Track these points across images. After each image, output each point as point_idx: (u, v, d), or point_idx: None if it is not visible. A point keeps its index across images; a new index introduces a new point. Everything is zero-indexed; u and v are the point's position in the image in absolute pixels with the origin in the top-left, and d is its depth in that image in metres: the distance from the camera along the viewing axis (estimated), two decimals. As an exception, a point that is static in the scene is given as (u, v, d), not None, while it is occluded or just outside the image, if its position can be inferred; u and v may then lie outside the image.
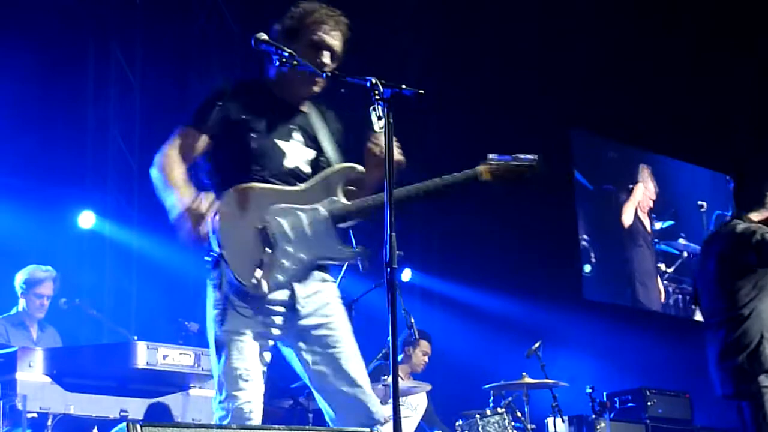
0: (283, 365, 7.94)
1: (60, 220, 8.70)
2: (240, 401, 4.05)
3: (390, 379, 3.94)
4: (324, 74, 4.15)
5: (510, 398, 8.59)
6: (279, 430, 3.65)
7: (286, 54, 4.03)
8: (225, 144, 4.20)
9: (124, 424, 3.40)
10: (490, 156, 4.55)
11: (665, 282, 12.46)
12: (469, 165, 4.43)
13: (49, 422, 6.32)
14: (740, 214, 6.03)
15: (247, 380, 4.09)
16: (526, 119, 10.95)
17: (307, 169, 4.32)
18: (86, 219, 9.05)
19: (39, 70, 8.66)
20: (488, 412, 8.32)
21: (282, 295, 4.16)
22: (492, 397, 8.66)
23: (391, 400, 3.65)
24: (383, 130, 3.82)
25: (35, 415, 6.27)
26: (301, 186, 4.26)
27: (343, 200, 4.29)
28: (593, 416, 9.07)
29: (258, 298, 4.10)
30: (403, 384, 7.87)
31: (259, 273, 4.05)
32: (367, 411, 4.21)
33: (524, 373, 8.52)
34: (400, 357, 8.67)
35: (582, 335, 11.01)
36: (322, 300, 4.28)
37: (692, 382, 10.84)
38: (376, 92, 3.85)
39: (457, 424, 8.28)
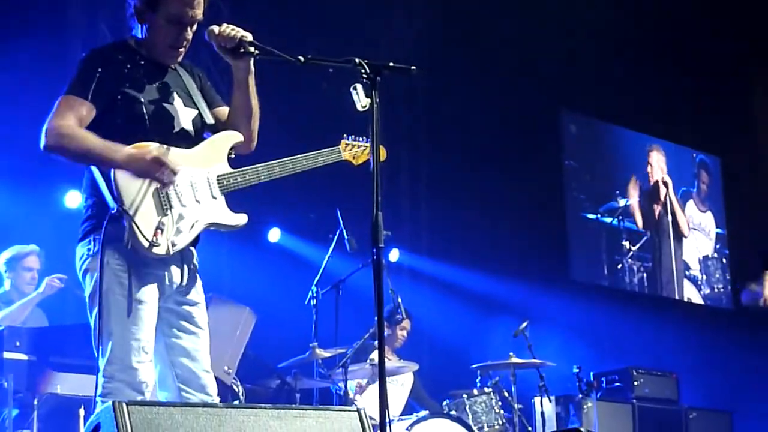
0: (270, 345, 7.96)
1: (46, 199, 8.65)
2: (140, 374, 3.98)
3: (376, 358, 3.93)
4: (300, 59, 4.01)
5: (497, 378, 8.60)
6: (266, 408, 3.65)
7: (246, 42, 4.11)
8: (112, 111, 4.10)
9: (110, 402, 3.40)
10: (345, 136, 4.74)
11: (629, 260, 12.38)
12: (455, 144, 4.45)
13: (36, 401, 6.33)
14: None
15: (148, 353, 4.03)
16: (516, 100, 10.94)
17: (192, 130, 4.28)
18: (73, 198, 9.01)
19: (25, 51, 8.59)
20: (475, 392, 8.33)
21: (175, 261, 4.14)
22: (479, 377, 8.66)
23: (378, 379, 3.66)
24: (365, 109, 3.81)
25: (21, 394, 6.27)
26: (191, 150, 4.23)
27: (228, 167, 4.30)
28: (580, 396, 9.09)
29: (158, 263, 4.06)
30: (390, 364, 7.88)
31: (159, 235, 4.00)
32: (204, 387, 4.17)
33: (511, 353, 8.53)
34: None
35: (569, 315, 11.03)
36: (196, 279, 4.26)
37: (680, 362, 10.91)
38: (363, 71, 3.85)
39: (444, 403, 8.28)
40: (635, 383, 9.89)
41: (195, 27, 4.24)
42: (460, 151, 10.76)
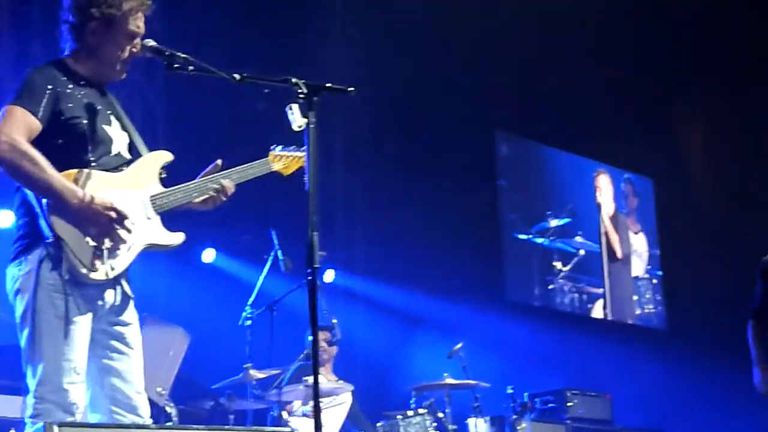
0: (205, 366, 7.90)
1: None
2: (70, 396, 3.93)
3: (311, 380, 3.92)
4: (233, 77, 4.04)
5: (432, 399, 8.61)
6: (199, 430, 3.62)
7: (181, 59, 4.08)
8: (54, 130, 4.05)
9: (41, 424, 3.35)
10: (273, 147, 4.76)
11: (561, 280, 12.42)
12: (391, 164, 4.48)
13: (-35, 424, 6.21)
14: None
15: (79, 374, 3.99)
16: (450, 121, 11.01)
17: (127, 154, 4.29)
18: (3, 218, 8.87)
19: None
20: (410, 412, 8.33)
21: (111, 283, 4.11)
22: (414, 398, 8.67)
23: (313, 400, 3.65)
24: (302, 129, 3.82)
25: (-51, 416, 6.16)
26: (125, 171, 4.23)
27: (161, 186, 4.31)
28: (514, 417, 9.11)
29: (93, 285, 4.03)
30: (326, 385, 7.86)
31: (97, 260, 3.99)
32: (135, 409, 4.14)
33: (446, 374, 8.55)
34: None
35: (504, 336, 11.08)
36: (129, 300, 4.23)
37: (613, 382, 11.00)
38: (300, 92, 3.85)
39: (378, 425, 8.28)
40: (569, 404, 9.95)
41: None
42: (396, 170, 10.78)
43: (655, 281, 13.36)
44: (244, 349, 7.60)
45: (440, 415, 8.53)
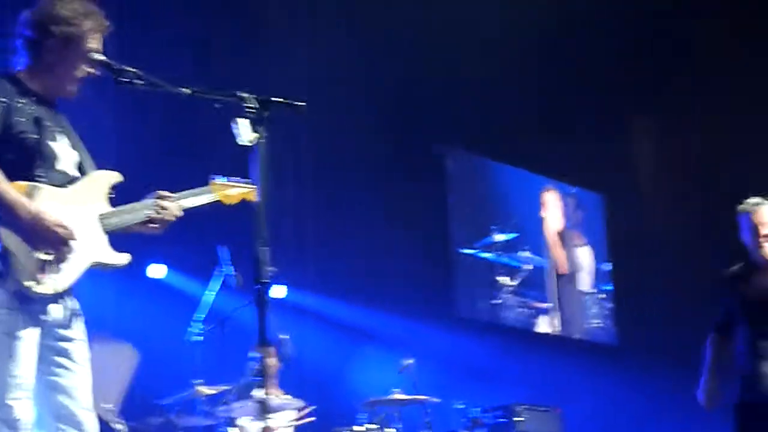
0: (154, 382, 7.85)
1: None
2: (15, 412, 3.91)
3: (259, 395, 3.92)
4: (182, 92, 4.05)
5: (382, 414, 8.60)
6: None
7: (130, 73, 4.08)
8: (4, 143, 4.04)
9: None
10: (215, 177, 4.75)
11: (507, 295, 12.33)
12: (340, 180, 4.48)
13: None
14: None
15: (25, 390, 3.96)
16: (399, 137, 11.04)
17: (74, 172, 4.28)
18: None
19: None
20: (361, 428, 8.32)
21: (55, 297, 4.08)
22: (364, 414, 8.66)
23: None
24: (251, 144, 3.81)
25: None
26: (73, 188, 4.22)
27: (109, 206, 4.30)
28: (465, 432, 9.13)
29: (40, 300, 4.01)
30: (276, 401, 7.84)
31: (43, 275, 3.97)
32: (81, 425, 4.11)
33: (396, 390, 8.55)
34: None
35: (455, 351, 11.09)
36: (76, 316, 4.22)
37: (563, 397, 11.03)
38: (249, 106, 3.85)
39: (328, 441, 8.26)
40: (519, 419, 9.92)
41: None
42: (345, 186, 10.77)
43: (603, 296, 13.42)
44: (193, 365, 7.56)
45: (391, 431, 8.53)
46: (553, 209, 13.16)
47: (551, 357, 12.07)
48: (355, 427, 8.36)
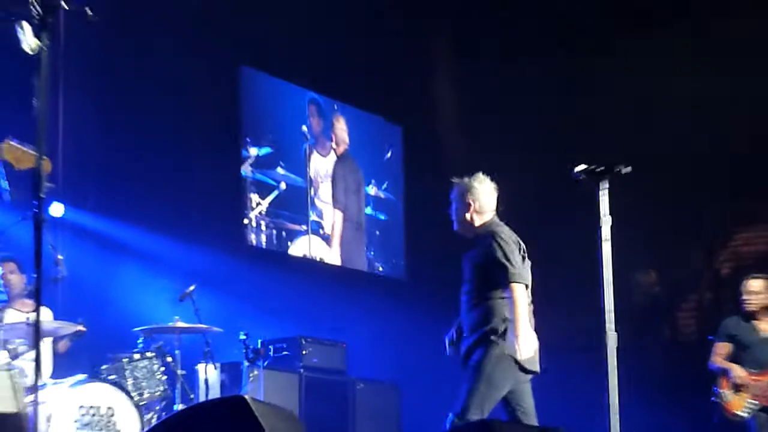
0: None
1: None
2: None
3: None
4: None
5: (161, 342, 8.46)
6: None
7: None
8: None
9: None
10: (10, 139, 4.56)
11: (258, 215, 11.54)
12: (126, 93, 4.25)
13: None
14: None
15: None
16: (189, 53, 10.63)
17: None
18: None
19: None
20: (136, 356, 8.15)
21: None
22: (142, 341, 8.46)
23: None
24: (34, 53, 3.56)
25: None
26: None
27: None
28: (247, 364, 9.00)
29: None
30: (49, 325, 7.57)
31: None
32: None
33: (177, 317, 8.40)
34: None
35: (240, 281, 10.86)
36: None
37: (349, 332, 11.01)
38: (35, 10, 3.59)
39: (103, 367, 8.01)
40: (303, 352, 9.87)
41: None
42: (132, 102, 10.30)
43: (378, 232, 13.24)
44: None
45: (169, 359, 8.38)
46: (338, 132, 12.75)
47: (337, 289, 11.90)
48: (134, 355, 8.18)
